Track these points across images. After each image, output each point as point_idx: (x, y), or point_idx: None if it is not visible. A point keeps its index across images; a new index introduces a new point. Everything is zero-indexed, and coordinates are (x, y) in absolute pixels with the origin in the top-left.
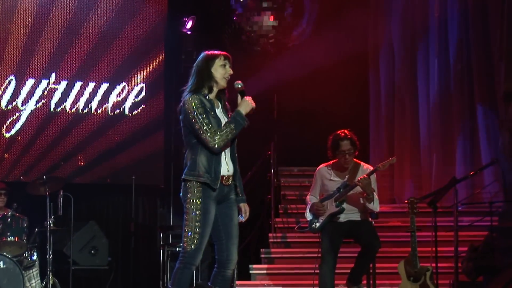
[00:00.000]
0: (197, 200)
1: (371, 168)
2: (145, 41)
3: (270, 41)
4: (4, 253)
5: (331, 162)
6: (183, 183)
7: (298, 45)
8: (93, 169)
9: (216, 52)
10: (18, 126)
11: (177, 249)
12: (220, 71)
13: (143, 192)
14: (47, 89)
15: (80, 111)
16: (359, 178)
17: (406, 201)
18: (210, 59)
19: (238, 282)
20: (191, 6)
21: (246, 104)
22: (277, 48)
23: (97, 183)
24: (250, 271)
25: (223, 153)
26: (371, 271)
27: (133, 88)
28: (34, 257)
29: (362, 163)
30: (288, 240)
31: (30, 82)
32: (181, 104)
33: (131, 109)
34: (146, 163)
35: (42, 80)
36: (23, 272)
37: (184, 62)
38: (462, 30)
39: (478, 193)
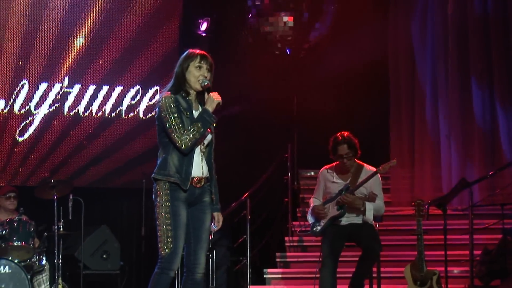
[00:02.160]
0: (166, 203)
1: (375, 170)
2: (159, 42)
3: (286, 42)
4: (10, 258)
5: (334, 164)
6: (154, 183)
7: (318, 47)
8: (104, 173)
9: (193, 52)
10: (31, 130)
11: None
12: (195, 74)
13: None
14: (60, 93)
15: (93, 114)
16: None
17: (412, 204)
18: (185, 62)
19: (252, 287)
20: (206, 8)
21: (211, 101)
22: (294, 49)
23: (109, 187)
24: (265, 275)
25: (197, 155)
26: (375, 275)
27: (147, 91)
28: (43, 262)
29: (365, 164)
30: (305, 244)
31: (43, 86)
32: (157, 102)
33: (145, 112)
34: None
35: (55, 84)
36: (33, 277)
37: None
38: (480, 29)
39: (496, 195)
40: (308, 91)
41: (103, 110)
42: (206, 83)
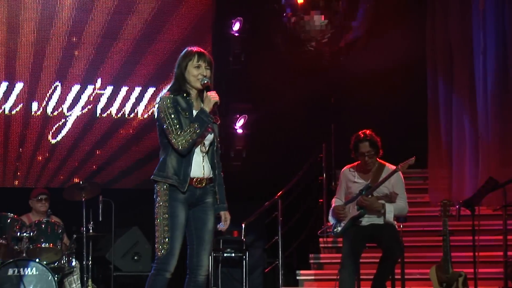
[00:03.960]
0: (164, 203)
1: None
2: (191, 43)
3: (322, 41)
4: (37, 260)
5: (355, 163)
6: (154, 184)
7: (354, 46)
8: (136, 173)
9: (190, 51)
10: (64, 132)
11: (224, 254)
12: (194, 73)
13: None
14: (93, 94)
15: (126, 115)
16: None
17: (439, 203)
18: (183, 61)
19: None
20: (238, 8)
21: (208, 100)
22: (330, 48)
23: (140, 189)
24: (297, 277)
25: (197, 155)
26: (399, 277)
27: None
28: (73, 263)
29: (387, 164)
30: (339, 245)
31: (75, 88)
32: (157, 102)
33: None
34: None
35: (88, 86)
36: (63, 279)
37: (232, 65)
38: None
39: None
40: (345, 91)
41: (135, 111)
42: (205, 82)
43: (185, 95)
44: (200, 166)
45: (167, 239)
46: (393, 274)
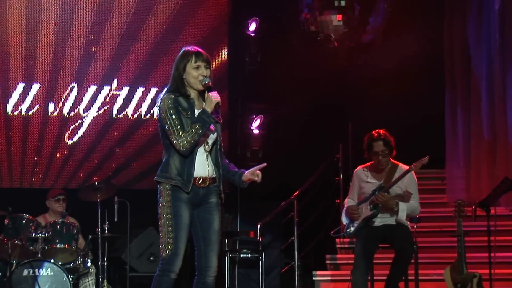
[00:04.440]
0: (168, 204)
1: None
2: (207, 44)
3: (339, 41)
4: (52, 260)
5: (368, 163)
6: (157, 185)
7: (371, 45)
8: (152, 174)
9: (187, 51)
10: (80, 133)
11: (241, 255)
12: (194, 75)
13: None
14: (109, 95)
15: (142, 116)
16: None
17: (453, 203)
18: (181, 62)
19: None
20: (255, 8)
21: (210, 101)
22: (346, 48)
23: (156, 189)
24: (314, 278)
25: (200, 154)
26: (413, 277)
27: None
28: (89, 264)
29: (400, 164)
30: None
31: (92, 89)
32: (158, 103)
33: None
34: None
35: (104, 87)
36: (79, 279)
37: (248, 65)
38: None
39: None
40: (362, 90)
41: (151, 112)
42: (206, 82)
43: (185, 95)
44: (203, 166)
45: (171, 240)
46: (406, 275)
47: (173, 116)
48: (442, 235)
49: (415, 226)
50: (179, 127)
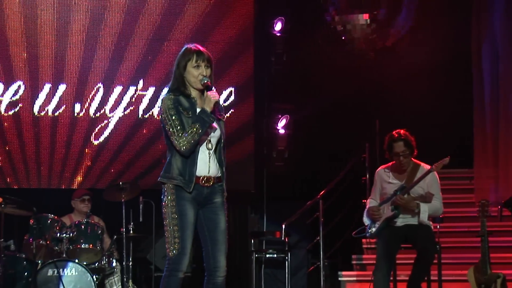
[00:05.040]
0: (172, 203)
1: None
2: (233, 44)
3: (365, 39)
4: (76, 260)
5: (390, 163)
6: (162, 185)
7: (398, 44)
8: None
9: (188, 49)
10: (106, 133)
11: (267, 255)
12: (194, 74)
13: (233, 197)
14: (135, 95)
15: None
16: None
17: (477, 203)
18: (182, 61)
19: None
20: (280, 8)
21: (208, 100)
22: (373, 47)
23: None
24: (339, 278)
25: (202, 153)
26: (436, 278)
27: (222, 93)
28: (114, 264)
29: (422, 164)
30: None
31: (117, 90)
32: (159, 104)
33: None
34: (235, 168)
35: (130, 87)
36: (104, 279)
37: (274, 64)
38: None
39: None
40: (388, 89)
41: None
42: (205, 81)
43: (186, 94)
44: (206, 165)
45: (177, 239)
46: (429, 275)
47: (173, 117)
48: (467, 235)
49: (438, 226)
50: (179, 127)
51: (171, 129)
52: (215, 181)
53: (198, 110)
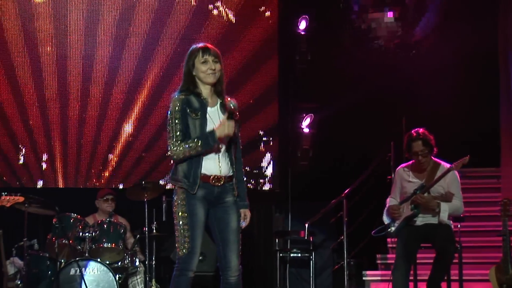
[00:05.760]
0: (182, 202)
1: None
2: (257, 43)
3: (391, 37)
4: (98, 260)
5: (410, 162)
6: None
7: (423, 41)
8: None
9: (195, 47)
10: (133, 133)
11: (291, 255)
12: (202, 69)
13: (257, 196)
14: (163, 96)
15: None
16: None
17: (500, 202)
18: (190, 59)
19: None
20: (304, 6)
21: (223, 129)
22: (399, 45)
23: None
24: (364, 278)
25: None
26: (456, 277)
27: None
28: (137, 263)
29: (442, 162)
30: None
31: (145, 90)
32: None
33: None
34: (260, 167)
35: (157, 88)
36: (128, 278)
37: (298, 64)
38: None
39: None
40: (414, 87)
41: None
42: (232, 106)
43: (197, 93)
44: (216, 164)
45: (187, 238)
46: (449, 275)
47: (177, 121)
48: (490, 234)
49: (459, 226)
50: (178, 133)
51: (171, 133)
52: (226, 180)
53: (209, 109)
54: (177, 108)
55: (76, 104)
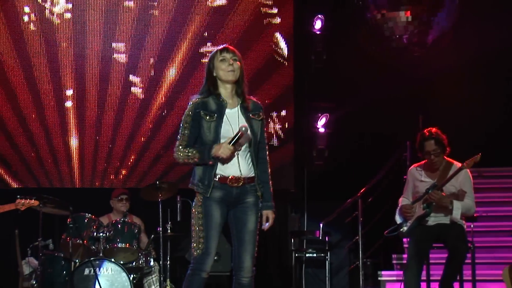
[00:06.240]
0: (199, 203)
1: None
2: (273, 44)
3: (407, 37)
4: (112, 259)
5: (422, 162)
6: None
7: (441, 41)
8: None
9: (215, 50)
10: (149, 134)
11: (307, 254)
12: (221, 67)
13: (273, 196)
14: (180, 98)
15: None
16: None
17: None
18: (210, 61)
19: None
20: (320, 6)
21: (223, 150)
22: (416, 45)
23: None
24: (379, 278)
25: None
26: (469, 278)
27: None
28: (151, 263)
29: (455, 162)
30: None
31: (162, 92)
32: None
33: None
34: (276, 167)
35: (174, 90)
36: (143, 278)
37: (314, 63)
38: None
39: None
40: (431, 86)
41: None
42: (243, 129)
43: (217, 94)
44: (235, 165)
45: (202, 239)
46: (461, 275)
47: (186, 125)
48: (503, 234)
49: (472, 225)
50: (183, 138)
51: (179, 135)
52: (246, 181)
53: (228, 110)
54: (189, 112)
55: (93, 104)
